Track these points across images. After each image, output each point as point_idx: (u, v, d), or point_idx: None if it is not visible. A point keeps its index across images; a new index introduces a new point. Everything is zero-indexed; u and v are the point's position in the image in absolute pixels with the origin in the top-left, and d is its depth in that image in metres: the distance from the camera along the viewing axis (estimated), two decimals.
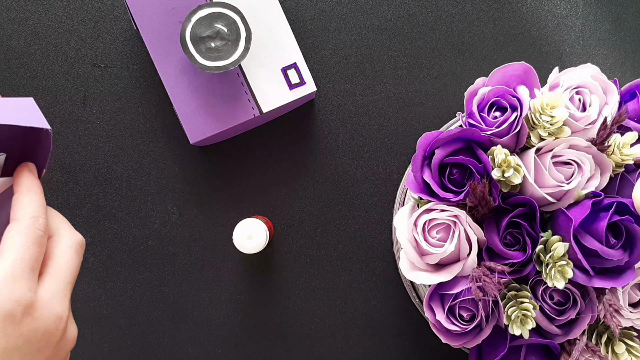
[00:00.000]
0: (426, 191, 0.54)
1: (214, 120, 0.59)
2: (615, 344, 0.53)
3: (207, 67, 0.56)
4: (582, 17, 0.66)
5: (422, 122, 0.66)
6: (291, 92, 0.60)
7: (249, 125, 0.63)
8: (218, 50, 0.56)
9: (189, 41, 0.55)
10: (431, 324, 0.54)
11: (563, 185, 0.52)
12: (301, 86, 0.60)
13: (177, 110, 0.59)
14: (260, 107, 0.59)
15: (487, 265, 0.52)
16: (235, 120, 0.59)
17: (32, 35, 0.65)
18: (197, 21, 0.56)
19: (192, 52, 0.56)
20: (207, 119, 0.59)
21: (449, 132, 0.53)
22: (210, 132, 0.59)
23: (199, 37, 0.56)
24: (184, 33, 0.55)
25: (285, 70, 0.59)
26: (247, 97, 0.59)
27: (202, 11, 0.56)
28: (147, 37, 0.59)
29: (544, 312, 0.53)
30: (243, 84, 0.59)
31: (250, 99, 0.59)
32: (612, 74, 0.66)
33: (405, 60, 0.66)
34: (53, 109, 0.65)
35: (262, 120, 0.63)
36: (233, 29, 0.56)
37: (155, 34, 0.59)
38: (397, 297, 0.66)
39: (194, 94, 0.59)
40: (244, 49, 0.56)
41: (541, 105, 0.52)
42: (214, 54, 0.56)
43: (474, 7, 0.66)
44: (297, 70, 0.59)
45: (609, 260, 0.50)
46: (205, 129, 0.59)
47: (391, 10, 0.66)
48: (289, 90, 0.59)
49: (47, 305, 0.39)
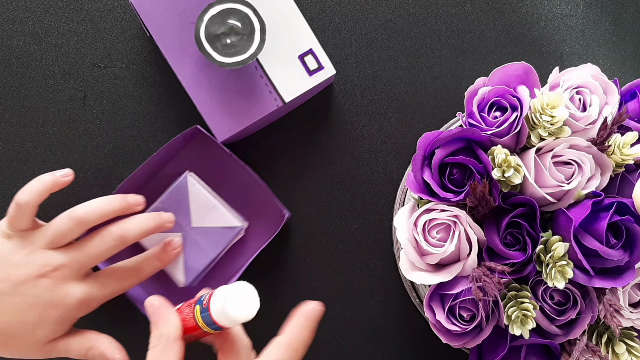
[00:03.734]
0: (426, 191, 0.54)
1: (239, 116, 0.59)
2: (616, 344, 0.52)
3: (226, 63, 0.56)
4: (583, 17, 0.66)
5: (422, 122, 0.66)
6: (311, 78, 0.59)
7: (274, 117, 0.63)
8: (234, 45, 0.56)
9: (205, 40, 0.55)
10: (431, 324, 0.54)
11: (563, 185, 0.52)
12: (320, 71, 0.60)
13: (201, 111, 0.59)
14: (282, 97, 0.59)
15: (487, 265, 0.52)
16: (260, 113, 0.59)
17: (32, 35, 0.65)
18: (209, 20, 0.55)
19: (208, 50, 0.55)
20: (232, 115, 0.59)
21: (449, 132, 0.53)
22: (237, 128, 0.59)
23: (214, 35, 0.55)
24: (198, 33, 0.55)
25: (302, 57, 0.59)
26: (269, 89, 0.59)
27: (214, 9, 0.55)
28: (162, 42, 0.59)
29: (544, 312, 0.53)
30: (262, 77, 0.59)
31: (271, 90, 0.59)
32: (613, 74, 0.66)
33: (405, 60, 0.66)
34: (53, 109, 0.65)
35: (286, 110, 0.63)
36: (246, 23, 0.55)
37: (169, 38, 0.59)
38: (397, 297, 0.66)
39: (216, 93, 0.59)
40: (260, 41, 0.56)
41: (541, 105, 0.52)
42: (230, 50, 0.56)
43: (474, 7, 0.66)
44: (314, 55, 0.59)
45: (609, 260, 0.50)
46: (232, 125, 0.59)
47: (391, 10, 0.66)
48: (308, 76, 0.59)
49: None
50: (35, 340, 0.55)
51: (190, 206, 0.60)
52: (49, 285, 0.54)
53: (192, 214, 0.61)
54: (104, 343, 0.58)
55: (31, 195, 0.55)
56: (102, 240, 0.56)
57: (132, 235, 0.57)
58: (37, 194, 0.55)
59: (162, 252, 0.59)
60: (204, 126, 0.62)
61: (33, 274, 0.54)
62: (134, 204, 0.58)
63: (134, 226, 0.57)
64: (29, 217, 0.56)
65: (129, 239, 0.57)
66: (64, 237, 0.56)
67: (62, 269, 0.55)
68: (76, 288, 0.55)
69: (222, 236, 0.61)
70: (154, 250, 0.59)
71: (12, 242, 0.56)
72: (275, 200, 0.62)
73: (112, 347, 0.57)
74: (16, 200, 0.55)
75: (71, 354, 0.57)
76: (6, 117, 0.65)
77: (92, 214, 0.56)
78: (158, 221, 0.58)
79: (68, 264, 0.55)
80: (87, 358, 0.57)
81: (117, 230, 0.56)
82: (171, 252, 0.59)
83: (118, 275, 0.58)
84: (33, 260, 0.55)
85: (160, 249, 0.59)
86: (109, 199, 0.57)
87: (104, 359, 0.57)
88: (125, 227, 0.57)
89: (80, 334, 0.58)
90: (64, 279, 0.55)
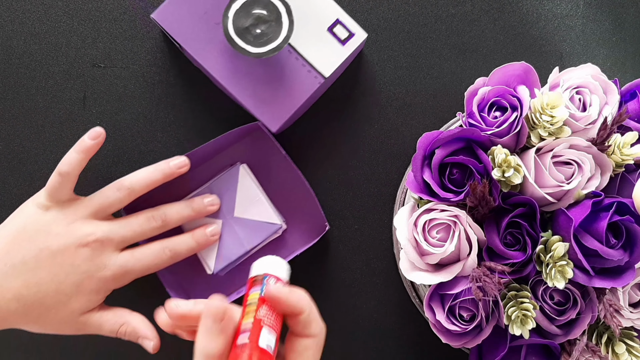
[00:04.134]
0: (426, 191, 0.54)
1: (286, 102, 0.59)
2: (616, 344, 0.52)
3: (261, 53, 0.56)
4: (583, 16, 0.66)
5: (422, 122, 0.66)
6: (345, 47, 0.59)
7: (316, 96, 0.63)
8: (265, 34, 0.56)
9: (235, 36, 0.55)
10: (431, 324, 0.54)
11: (563, 185, 0.52)
12: (352, 38, 0.59)
13: (248, 107, 0.59)
14: (321, 73, 0.59)
15: (487, 265, 0.52)
16: (305, 94, 0.59)
17: (32, 35, 0.65)
18: (234, 15, 0.55)
19: (241, 45, 0.56)
20: (278, 104, 0.59)
21: (449, 132, 0.53)
22: (287, 115, 0.59)
23: (243, 29, 0.55)
24: (227, 30, 0.55)
25: (331, 29, 0.59)
26: (307, 69, 0.59)
27: (236, 3, 0.55)
28: (193, 49, 0.59)
29: (544, 312, 0.53)
30: (298, 58, 0.59)
31: (309, 69, 0.59)
32: (613, 74, 0.66)
33: (405, 60, 0.66)
34: (53, 109, 0.65)
35: (327, 85, 0.63)
36: (271, 9, 0.55)
37: (199, 44, 0.59)
38: (397, 297, 0.66)
39: (256, 85, 0.59)
40: (289, 22, 0.56)
41: (541, 105, 0.52)
42: (262, 39, 0.56)
43: (474, 7, 0.66)
44: (342, 24, 0.59)
45: (609, 260, 0.50)
46: (281, 113, 0.59)
47: (391, 10, 0.66)
48: (342, 46, 0.59)
49: None
50: (69, 312, 0.56)
51: (236, 196, 0.62)
52: (88, 255, 0.56)
53: (236, 204, 0.62)
54: (136, 320, 0.58)
55: (72, 165, 0.57)
56: (147, 219, 0.58)
57: (174, 218, 0.59)
58: (77, 163, 0.57)
59: (200, 235, 0.60)
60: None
61: (74, 244, 0.56)
62: (178, 166, 0.59)
63: (176, 210, 0.59)
64: (70, 186, 0.58)
65: (171, 222, 0.59)
66: (111, 206, 0.58)
67: (104, 240, 0.56)
68: (114, 260, 0.57)
69: (260, 230, 0.62)
70: (193, 232, 0.60)
71: (51, 212, 0.57)
72: (319, 209, 0.63)
73: (145, 325, 0.58)
74: (58, 171, 0.57)
75: (103, 330, 0.58)
76: (6, 117, 0.65)
77: (140, 183, 0.58)
78: (199, 207, 0.60)
79: (111, 235, 0.57)
80: (119, 335, 0.58)
81: (161, 212, 0.59)
82: (209, 237, 0.60)
83: (154, 252, 0.58)
84: (75, 230, 0.56)
85: (199, 231, 0.60)
86: (153, 166, 0.59)
87: (136, 336, 0.58)
88: (167, 209, 0.59)
89: (113, 310, 0.59)
90: (103, 249, 0.56)
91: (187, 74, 0.65)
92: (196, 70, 0.65)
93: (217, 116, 0.65)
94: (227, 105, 0.65)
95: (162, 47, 0.65)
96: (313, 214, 0.63)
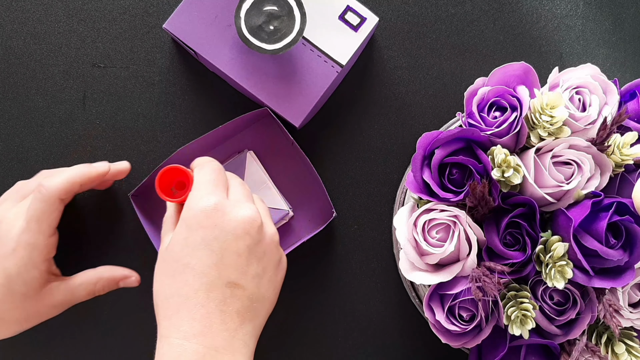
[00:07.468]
0: (426, 191, 0.54)
1: (306, 95, 0.60)
2: (615, 344, 0.52)
3: (277, 49, 0.56)
4: (582, 16, 0.66)
5: (422, 122, 0.66)
6: (358, 33, 0.60)
7: (334, 86, 0.63)
8: (278, 30, 0.56)
9: (249, 35, 0.56)
10: (431, 324, 0.54)
11: (563, 185, 0.52)
12: (364, 23, 0.60)
13: (269, 105, 0.60)
14: (338, 61, 0.59)
15: (487, 265, 0.52)
16: (324, 85, 0.60)
17: (32, 35, 0.65)
18: (246, 14, 0.55)
19: (256, 44, 0.56)
20: (299, 97, 0.60)
21: (449, 132, 0.53)
22: (308, 108, 0.60)
23: (256, 27, 0.56)
24: (240, 30, 0.55)
25: (342, 16, 0.59)
26: (323, 59, 0.59)
27: (246, 3, 0.56)
28: (209, 54, 0.59)
29: (544, 312, 0.53)
30: (313, 50, 0.59)
31: (325, 59, 0.59)
32: (612, 74, 0.66)
33: (405, 60, 0.66)
34: (53, 109, 0.65)
35: (344, 74, 0.63)
36: (282, 4, 0.55)
37: (214, 48, 0.59)
38: (397, 297, 0.66)
39: (275, 82, 0.59)
40: (301, 15, 0.56)
41: (541, 105, 0.52)
42: (276, 35, 0.56)
43: (474, 7, 0.66)
44: (353, 10, 0.59)
45: (609, 261, 0.50)
46: (302, 107, 0.60)
47: (391, 10, 0.66)
48: (355, 32, 0.60)
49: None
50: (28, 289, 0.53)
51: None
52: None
53: None
54: (107, 270, 0.57)
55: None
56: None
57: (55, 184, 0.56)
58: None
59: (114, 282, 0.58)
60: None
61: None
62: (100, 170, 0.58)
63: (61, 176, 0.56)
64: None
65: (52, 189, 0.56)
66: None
67: None
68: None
69: None
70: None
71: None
72: (326, 197, 0.63)
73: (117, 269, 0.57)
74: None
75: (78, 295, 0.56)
76: (6, 117, 0.65)
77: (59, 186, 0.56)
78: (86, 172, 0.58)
79: None
80: (97, 292, 0.57)
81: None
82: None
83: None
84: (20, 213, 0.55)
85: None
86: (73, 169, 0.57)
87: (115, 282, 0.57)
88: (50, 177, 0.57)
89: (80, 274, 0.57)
90: None
91: (188, 74, 0.65)
92: (196, 70, 0.65)
93: (217, 116, 0.65)
94: (227, 105, 0.65)
95: (162, 47, 0.65)
96: (320, 200, 0.64)
